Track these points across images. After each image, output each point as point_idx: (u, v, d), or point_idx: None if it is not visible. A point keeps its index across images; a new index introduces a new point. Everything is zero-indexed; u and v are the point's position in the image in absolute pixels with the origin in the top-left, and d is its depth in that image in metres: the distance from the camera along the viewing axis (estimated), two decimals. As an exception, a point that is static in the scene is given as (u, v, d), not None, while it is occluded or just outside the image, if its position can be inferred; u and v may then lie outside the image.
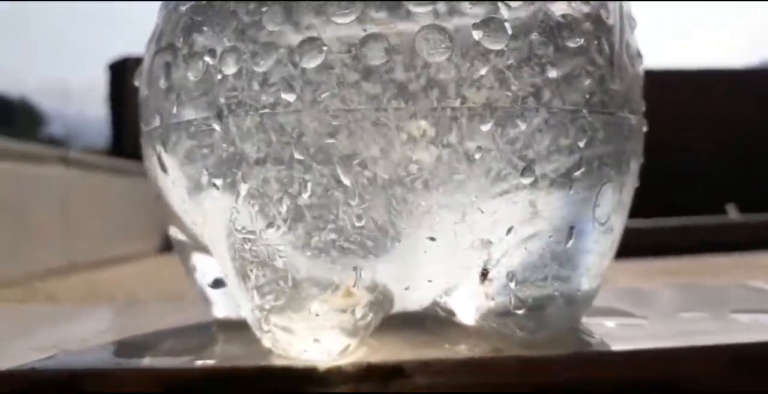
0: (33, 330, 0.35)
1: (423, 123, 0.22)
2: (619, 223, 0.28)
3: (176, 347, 0.29)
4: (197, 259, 0.32)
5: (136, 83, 0.29)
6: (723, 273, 0.92)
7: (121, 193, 1.28)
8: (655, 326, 0.32)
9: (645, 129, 0.29)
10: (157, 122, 0.26)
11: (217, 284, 0.32)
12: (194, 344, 0.30)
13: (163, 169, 0.26)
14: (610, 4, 0.26)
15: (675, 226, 1.35)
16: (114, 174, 1.25)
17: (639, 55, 0.28)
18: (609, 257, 0.28)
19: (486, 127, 0.23)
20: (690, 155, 1.96)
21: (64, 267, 0.99)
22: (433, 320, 0.29)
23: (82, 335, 0.33)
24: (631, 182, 0.28)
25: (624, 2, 0.28)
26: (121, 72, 1.92)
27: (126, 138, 1.79)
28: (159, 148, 0.26)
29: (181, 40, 0.25)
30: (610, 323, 0.31)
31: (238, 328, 0.31)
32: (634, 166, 0.28)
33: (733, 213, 1.45)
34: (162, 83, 0.25)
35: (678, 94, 1.93)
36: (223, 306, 0.32)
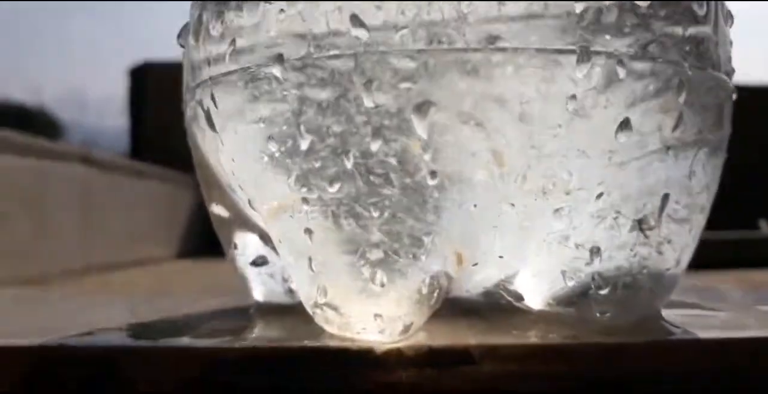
0: (63, 313, 0.33)
1: (520, 62, 0.20)
2: (709, 198, 0.25)
3: (216, 328, 0.27)
4: (239, 236, 0.29)
5: (181, 42, 0.27)
6: (763, 286, 0.88)
7: (142, 196, 1.26)
8: (737, 317, 0.29)
9: (734, 97, 0.26)
10: (205, 75, 0.23)
11: (259, 262, 0.29)
12: (234, 326, 0.27)
13: (212, 127, 0.24)
14: None
15: (706, 240, 1.31)
16: (136, 177, 1.23)
17: (730, 15, 0.26)
18: (698, 236, 0.25)
19: (581, 73, 0.20)
20: (722, 171, 1.92)
21: (80, 268, 0.97)
22: (493, 306, 0.26)
23: (117, 319, 0.31)
24: (722, 156, 0.25)
25: None
26: (142, 78, 1.90)
27: (145, 145, 1.78)
28: (208, 103, 0.24)
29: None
30: (685, 313, 0.29)
31: (281, 312, 0.29)
32: (726, 136, 0.25)
33: (765, 228, 1.42)
34: (213, 31, 0.23)
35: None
36: (264, 288, 0.30)
